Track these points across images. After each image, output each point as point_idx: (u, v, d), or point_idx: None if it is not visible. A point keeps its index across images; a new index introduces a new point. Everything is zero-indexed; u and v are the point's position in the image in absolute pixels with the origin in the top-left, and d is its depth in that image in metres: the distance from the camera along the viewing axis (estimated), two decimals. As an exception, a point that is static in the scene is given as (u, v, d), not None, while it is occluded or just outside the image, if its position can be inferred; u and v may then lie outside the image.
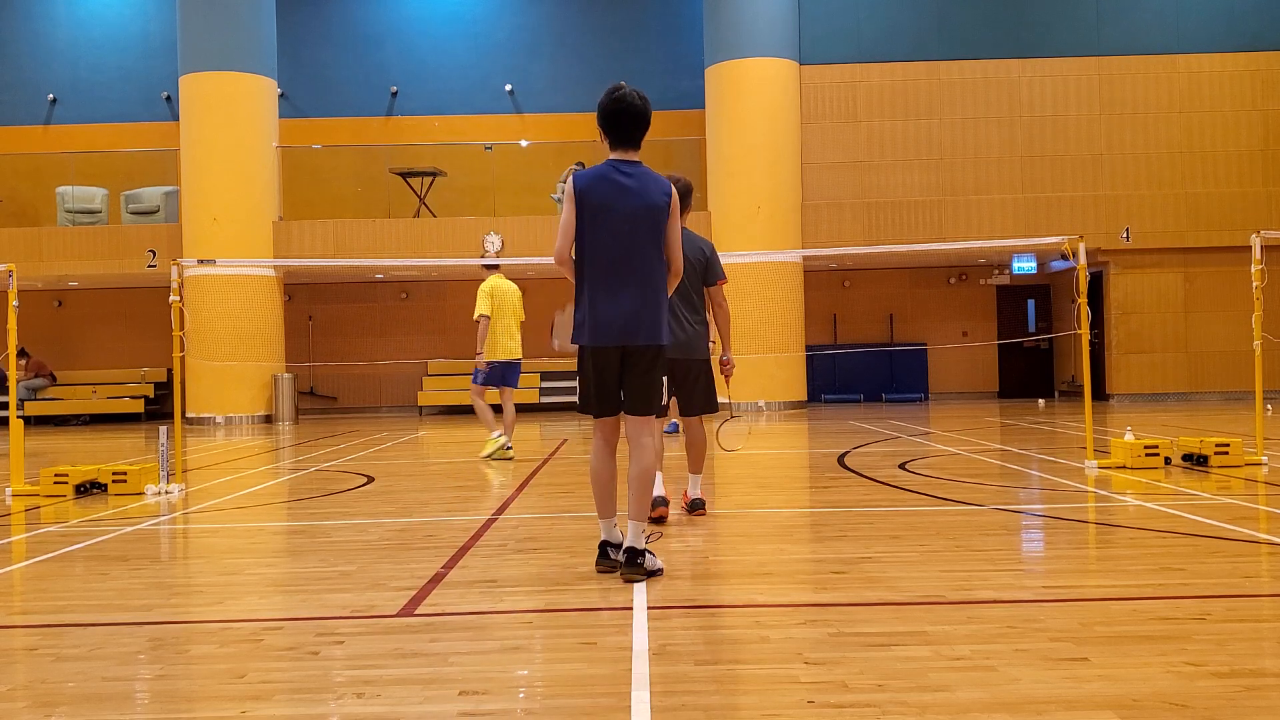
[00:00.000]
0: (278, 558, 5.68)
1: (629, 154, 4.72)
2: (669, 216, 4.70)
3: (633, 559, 4.54)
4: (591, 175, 4.68)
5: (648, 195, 4.65)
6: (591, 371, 4.68)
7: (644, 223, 4.63)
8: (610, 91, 4.71)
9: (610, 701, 3.00)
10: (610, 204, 4.60)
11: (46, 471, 8.32)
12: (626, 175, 4.66)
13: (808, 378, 20.81)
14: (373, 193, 21.45)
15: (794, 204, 20.04)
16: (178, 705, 3.13)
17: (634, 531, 4.57)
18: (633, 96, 4.68)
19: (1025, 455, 10.05)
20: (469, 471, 9.93)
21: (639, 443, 4.69)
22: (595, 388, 4.70)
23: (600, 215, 4.60)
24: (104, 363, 22.62)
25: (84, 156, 21.78)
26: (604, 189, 4.63)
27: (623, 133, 4.69)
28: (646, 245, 4.65)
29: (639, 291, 4.61)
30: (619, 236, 4.59)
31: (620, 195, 4.61)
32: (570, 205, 4.64)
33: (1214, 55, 20.43)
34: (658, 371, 4.70)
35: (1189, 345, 20.56)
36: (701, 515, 6.34)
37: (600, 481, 4.77)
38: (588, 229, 4.61)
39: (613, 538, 4.73)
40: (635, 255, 4.62)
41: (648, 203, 4.64)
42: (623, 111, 4.67)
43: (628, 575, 4.53)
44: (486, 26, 22.65)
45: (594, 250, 4.61)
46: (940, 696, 2.97)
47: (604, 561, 4.73)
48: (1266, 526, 5.76)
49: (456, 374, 21.76)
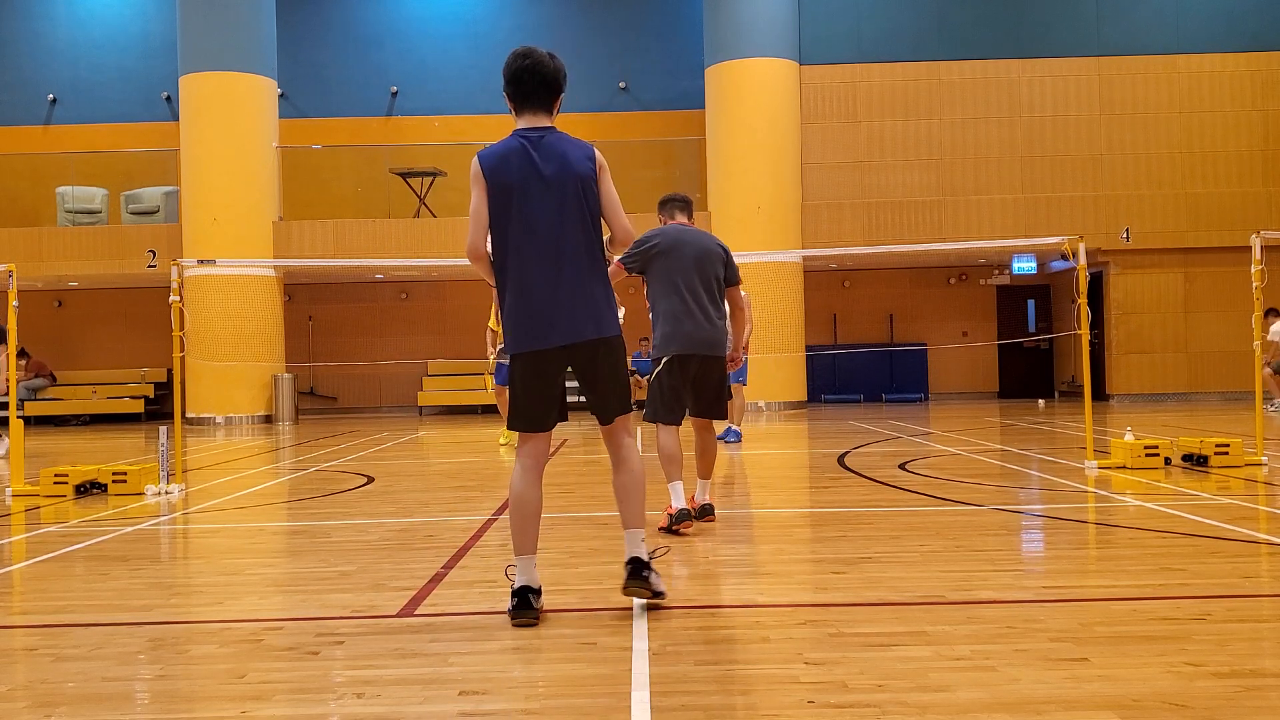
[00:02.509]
0: (278, 558, 5.68)
1: (539, 119, 4.02)
2: (600, 181, 4.02)
3: (638, 570, 3.98)
4: (498, 152, 3.97)
5: (569, 163, 3.95)
6: (525, 380, 3.99)
7: (571, 198, 3.94)
8: (517, 51, 4.03)
9: (610, 701, 3.00)
10: (525, 181, 3.91)
11: (46, 471, 8.32)
12: (537, 146, 3.96)
13: (808, 378, 20.81)
14: (373, 193, 21.46)
15: (794, 204, 20.04)
16: (178, 705, 3.13)
17: (634, 541, 4.04)
18: (543, 55, 3.98)
19: (1025, 455, 10.05)
20: (469, 471, 9.93)
21: (621, 444, 4.11)
22: (529, 398, 3.99)
23: (516, 196, 3.91)
24: (104, 363, 22.62)
25: (84, 156, 21.79)
26: (515, 164, 3.93)
27: (532, 96, 3.99)
28: (577, 225, 3.95)
29: (579, 278, 3.94)
30: (543, 218, 3.91)
31: (535, 169, 3.92)
32: (479, 189, 3.93)
33: (1214, 55, 20.43)
34: (620, 365, 4.08)
35: (1189, 345, 20.56)
36: (711, 521, 6.21)
37: (525, 510, 3.98)
38: (503, 215, 3.93)
39: (533, 581, 3.94)
40: (566, 238, 3.93)
41: (573, 171, 3.94)
42: (531, 69, 3.97)
43: (631, 589, 4.00)
44: (486, 26, 22.65)
45: (516, 239, 3.93)
46: (940, 696, 2.97)
47: (524, 613, 3.86)
48: (1266, 526, 5.76)
49: (456, 374, 21.77)
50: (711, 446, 6.29)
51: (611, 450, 4.15)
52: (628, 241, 4.18)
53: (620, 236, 4.11)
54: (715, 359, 5.91)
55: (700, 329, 5.80)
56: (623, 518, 4.12)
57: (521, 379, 4.00)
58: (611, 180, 4.08)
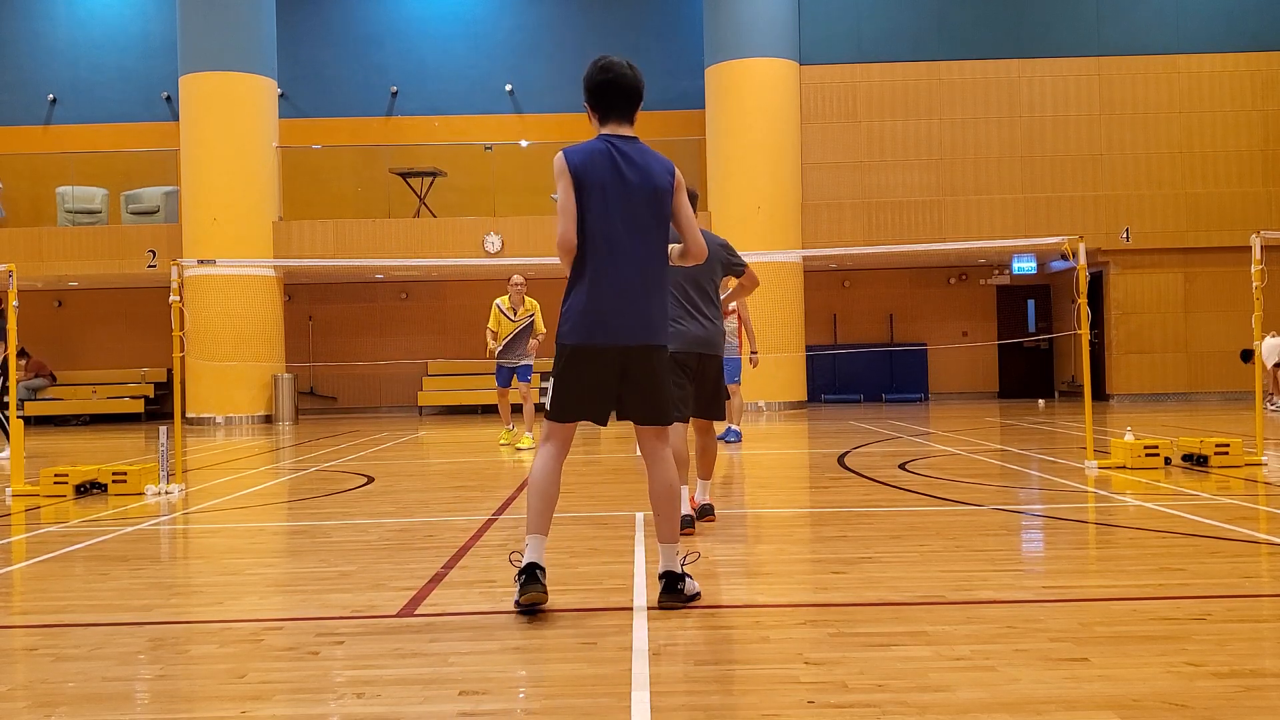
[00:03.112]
0: (278, 558, 5.67)
1: (623, 129, 4.14)
2: (675, 195, 4.16)
3: (672, 584, 4.04)
4: (585, 150, 4.08)
5: (651, 173, 4.08)
6: (577, 371, 4.07)
7: (649, 204, 4.06)
8: (597, 63, 4.14)
9: (610, 701, 3.00)
10: (608, 183, 4.03)
11: (46, 471, 8.32)
12: (624, 152, 4.08)
13: (808, 378, 20.81)
14: (373, 193, 21.45)
15: (794, 204, 20.04)
16: (178, 705, 3.13)
17: (668, 555, 4.09)
18: (623, 66, 4.10)
19: (1025, 455, 10.05)
20: (469, 471, 9.93)
21: (659, 456, 4.14)
22: (579, 389, 4.08)
23: (599, 195, 4.02)
24: (104, 363, 22.62)
25: (84, 156, 21.79)
26: (602, 165, 4.04)
27: (616, 107, 4.11)
28: (651, 232, 4.08)
29: (644, 285, 4.05)
30: (621, 219, 4.02)
31: (619, 173, 4.04)
32: (565, 183, 4.03)
33: (1214, 55, 20.43)
34: (665, 374, 4.18)
35: (1189, 345, 20.56)
36: (711, 521, 6.21)
37: (544, 492, 4.07)
38: (586, 210, 4.02)
39: (541, 559, 4.02)
40: (640, 242, 4.05)
41: (652, 182, 4.07)
42: (613, 82, 4.09)
43: (667, 602, 4.03)
44: (486, 26, 22.65)
45: (594, 235, 4.03)
46: (940, 696, 2.97)
47: (533, 587, 3.94)
48: (1266, 526, 5.76)
49: (456, 374, 21.78)
50: (712, 447, 6.32)
51: (647, 457, 4.20)
52: (700, 256, 4.26)
53: (693, 250, 4.23)
54: (712, 358, 5.91)
55: (697, 328, 5.81)
56: (658, 530, 4.18)
57: (567, 369, 4.09)
58: (686, 196, 4.23)
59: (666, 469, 4.15)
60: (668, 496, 4.14)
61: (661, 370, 4.15)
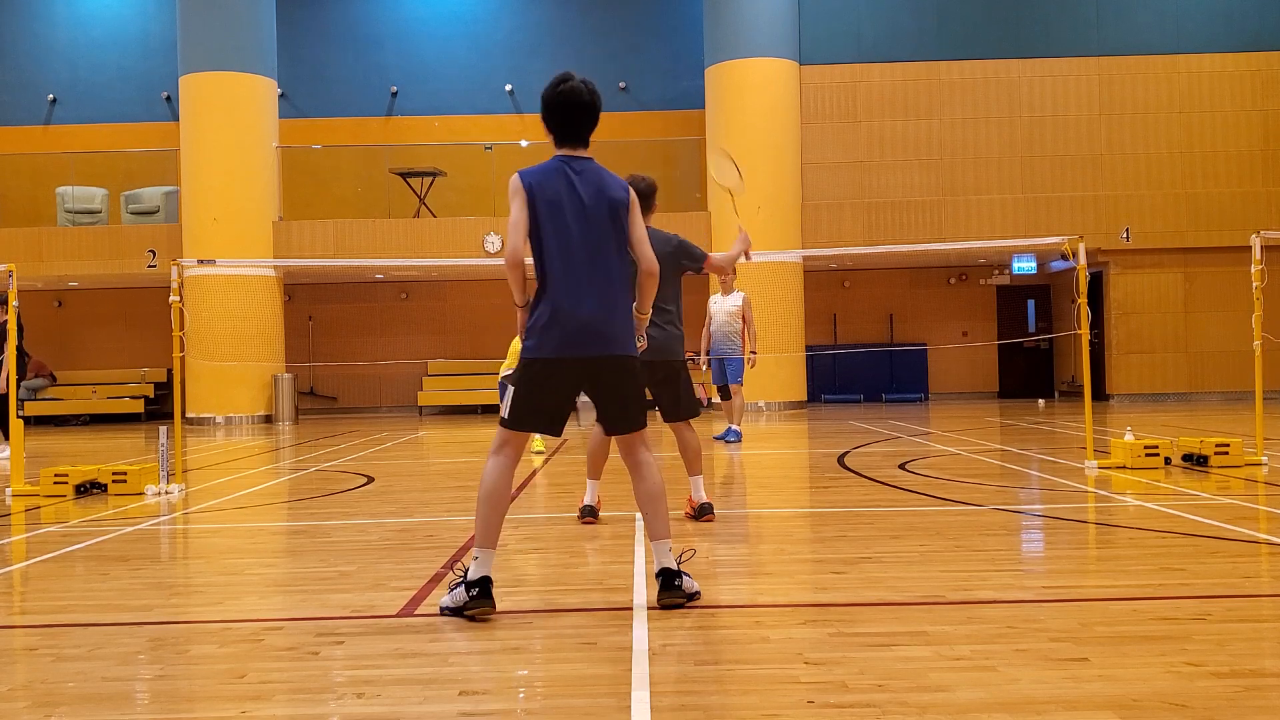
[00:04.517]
0: (278, 558, 5.67)
1: (578, 150, 4.20)
2: (630, 213, 4.22)
3: (670, 581, 4.06)
4: (540, 170, 4.15)
5: (605, 191, 4.15)
6: (540, 384, 4.11)
7: (604, 221, 4.13)
8: (556, 82, 4.15)
9: (610, 701, 3.00)
10: (564, 201, 4.10)
11: (46, 471, 8.32)
12: (578, 172, 4.15)
13: (808, 378, 20.81)
14: (373, 193, 21.46)
15: (794, 204, 20.04)
16: (178, 705, 3.13)
17: (662, 552, 4.12)
18: (581, 88, 4.13)
19: (1025, 455, 10.05)
20: (469, 471, 9.93)
21: (640, 461, 4.24)
22: (539, 402, 4.13)
23: (557, 212, 4.09)
24: (104, 363, 22.62)
25: (84, 156, 21.78)
26: (558, 183, 4.11)
27: (571, 128, 4.16)
28: (609, 246, 4.15)
29: (606, 297, 4.12)
30: (579, 236, 4.09)
31: (575, 190, 4.11)
32: (520, 201, 4.08)
33: (1214, 55, 20.43)
34: (637, 381, 4.26)
35: (1189, 345, 20.56)
36: (710, 521, 6.21)
37: (498, 503, 4.07)
38: (540, 229, 4.09)
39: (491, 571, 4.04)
40: (599, 258, 4.12)
41: (607, 198, 4.14)
42: (571, 105, 4.13)
43: (667, 600, 4.04)
44: (486, 26, 22.65)
45: (550, 253, 4.09)
46: (940, 696, 2.97)
47: (484, 602, 3.94)
48: (1266, 526, 5.76)
49: (456, 374, 21.78)
50: (691, 441, 6.30)
51: (628, 463, 4.28)
52: (653, 273, 4.28)
53: (645, 268, 4.27)
54: (670, 363, 6.03)
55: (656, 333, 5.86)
56: (648, 529, 4.22)
57: (530, 382, 4.13)
58: (640, 215, 4.29)
59: (649, 472, 4.23)
60: (654, 497, 4.20)
61: (629, 379, 4.21)
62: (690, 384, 6.21)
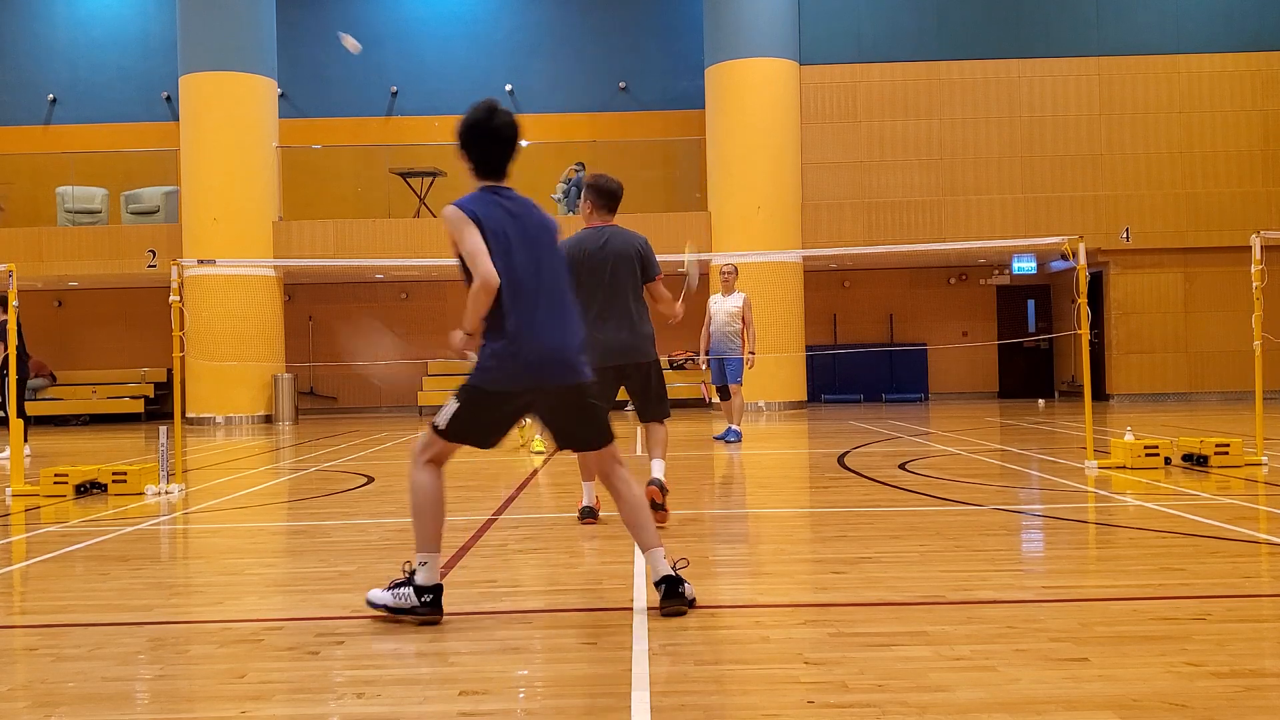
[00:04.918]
0: (278, 558, 5.68)
1: (502, 182, 4.21)
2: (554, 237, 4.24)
3: (674, 589, 4.00)
4: (477, 201, 4.11)
5: (542, 220, 4.18)
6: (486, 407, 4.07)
7: (549, 250, 4.14)
8: (487, 112, 4.10)
9: (610, 701, 3.00)
10: (508, 227, 4.06)
11: (46, 471, 8.32)
12: (512, 200, 4.15)
13: (808, 378, 20.80)
14: (373, 193, 21.45)
15: (794, 204, 20.03)
16: (178, 705, 3.13)
17: (657, 560, 4.07)
18: (514, 122, 4.14)
19: (1025, 455, 10.05)
20: (469, 471, 9.92)
21: (616, 475, 4.19)
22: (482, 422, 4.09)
23: (503, 240, 4.03)
24: (104, 363, 22.61)
25: (84, 156, 21.78)
26: (497, 212, 4.08)
27: (504, 160, 4.16)
28: (559, 274, 4.15)
29: (560, 323, 4.08)
30: (529, 266, 4.04)
31: (513, 216, 4.10)
32: (470, 229, 4.00)
33: (1214, 55, 20.42)
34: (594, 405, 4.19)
35: (1189, 345, 20.56)
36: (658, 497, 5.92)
37: (436, 511, 4.03)
38: (496, 257, 3.99)
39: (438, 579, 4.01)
40: (553, 286, 4.09)
41: (542, 220, 4.17)
42: (507, 139, 4.12)
43: (671, 608, 3.99)
44: (486, 26, 22.65)
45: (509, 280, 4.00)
46: (940, 696, 2.97)
47: (437, 612, 3.93)
48: (1266, 526, 5.76)
49: (457, 374, 21.74)
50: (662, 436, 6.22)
51: (604, 479, 4.23)
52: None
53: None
54: (641, 365, 6.00)
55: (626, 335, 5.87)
56: (639, 541, 4.17)
57: (477, 403, 4.06)
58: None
59: (628, 486, 4.18)
60: (637, 508, 4.15)
61: (587, 400, 4.15)
62: (663, 383, 6.16)
